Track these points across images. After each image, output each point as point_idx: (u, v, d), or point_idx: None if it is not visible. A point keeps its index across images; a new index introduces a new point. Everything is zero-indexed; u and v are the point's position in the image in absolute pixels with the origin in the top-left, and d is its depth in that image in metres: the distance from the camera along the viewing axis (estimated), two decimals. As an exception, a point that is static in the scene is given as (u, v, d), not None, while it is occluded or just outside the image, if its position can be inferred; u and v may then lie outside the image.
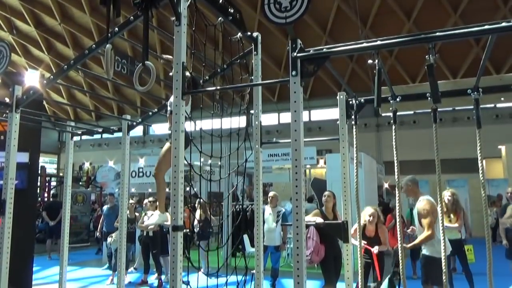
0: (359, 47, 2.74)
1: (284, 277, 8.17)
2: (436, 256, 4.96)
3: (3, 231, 4.32)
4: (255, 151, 4.34)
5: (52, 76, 4.51)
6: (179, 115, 3.06)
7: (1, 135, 7.28)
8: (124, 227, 5.73)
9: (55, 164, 29.15)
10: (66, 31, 21.95)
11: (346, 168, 4.16)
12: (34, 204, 8.40)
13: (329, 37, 18.39)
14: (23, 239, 6.66)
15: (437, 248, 4.95)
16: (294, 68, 2.73)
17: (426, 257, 5.11)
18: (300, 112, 2.74)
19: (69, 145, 6.53)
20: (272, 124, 22.51)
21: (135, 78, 3.40)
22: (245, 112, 4.59)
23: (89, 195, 18.27)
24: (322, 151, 15.69)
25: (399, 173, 3.93)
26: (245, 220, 9.22)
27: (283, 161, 11.61)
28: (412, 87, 16.48)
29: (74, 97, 26.37)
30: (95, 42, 4.02)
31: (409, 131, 18.67)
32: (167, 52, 17.28)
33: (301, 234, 2.59)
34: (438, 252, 4.92)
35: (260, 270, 4.17)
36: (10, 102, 4.42)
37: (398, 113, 4.09)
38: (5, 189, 4.34)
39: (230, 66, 4.58)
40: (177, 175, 2.98)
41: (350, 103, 4.20)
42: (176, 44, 3.11)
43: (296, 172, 2.68)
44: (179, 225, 2.92)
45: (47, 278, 8.97)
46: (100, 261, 10.77)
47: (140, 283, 8.23)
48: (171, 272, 2.91)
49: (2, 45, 4.38)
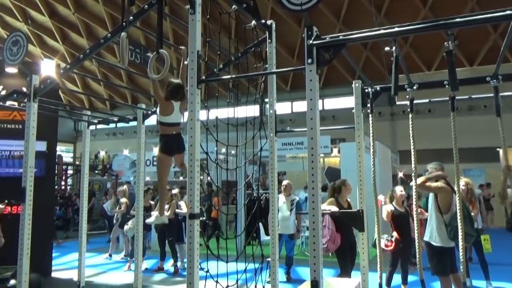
0: (376, 33, 2.70)
1: (299, 265, 8.21)
2: (445, 246, 4.92)
3: (24, 217, 4.42)
4: (269, 140, 4.34)
5: (68, 66, 4.56)
6: (194, 104, 3.07)
7: (20, 124, 7.42)
8: (141, 215, 5.80)
9: (71, 153, 29.58)
10: (80, 20, 22.06)
11: (362, 157, 4.14)
12: (52, 192, 8.57)
13: (342, 25, 18.15)
14: (42, 226, 6.82)
15: (441, 237, 4.91)
16: (310, 56, 2.71)
17: (437, 248, 5.02)
18: (316, 100, 2.72)
19: (85, 134, 6.62)
20: (285, 113, 22.42)
21: (150, 66, 3.41)
22: (259, 101, 4.59)
23: (105, 183, 18.54)
24: (335, 140, 15.61)
25: (416, 162, 3.89)
26: (259, 209, 9.27)
27: (297, 150, 11.60)
28: (428, 75, 16.18)
29: (89, 86, 26.61)
30: (110, 31, 4.03)
31: (425, 120, 18.43)
32: (180, 42, 17.24)
33: (318, 222, 2.60)
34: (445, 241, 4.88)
35: (276, 258, 4.20)
36: (28, 92, 4.48)
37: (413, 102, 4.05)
38: (25, 177, 4.42)
39: (245, 54, 4.55)
40: (193, 164, 3.00)
41: (365, 91, 4.16)
42: (191, 33, 3.11)
43: (312, 161, 2.67)
44: (195, 213, 2.95)
45: (66, 264, 9.17)
46: (116, 248, 10.96)
47: (157, 270, 8.37)
48: (188, 259, 2.95)
49: (20, 35, 4.43)
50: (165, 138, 4.11)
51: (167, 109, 4.03)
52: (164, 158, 4.14)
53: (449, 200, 4.91)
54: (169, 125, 4.07)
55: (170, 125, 4.08)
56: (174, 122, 4.11)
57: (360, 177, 4.13)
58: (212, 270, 3.41)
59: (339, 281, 4.39)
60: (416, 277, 6.68)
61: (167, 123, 4.06)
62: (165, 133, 4.09)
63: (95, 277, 7.86)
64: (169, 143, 4.11)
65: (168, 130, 4.08)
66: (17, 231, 4.58)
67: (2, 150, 7.44)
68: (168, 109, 4.03)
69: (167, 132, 4.08)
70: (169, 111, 4.04)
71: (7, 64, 4.78)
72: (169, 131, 4.08)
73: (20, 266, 4.41)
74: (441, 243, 4.92)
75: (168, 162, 4.25)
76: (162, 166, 4.23)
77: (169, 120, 4.06)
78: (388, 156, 13.28)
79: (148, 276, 7.77)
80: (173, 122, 4.10)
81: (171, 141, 4.12)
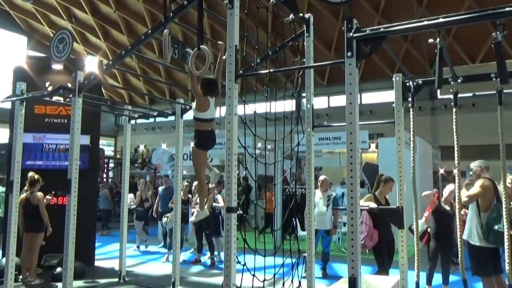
0: (419, 25, 2.61)
1: (335, 262, 8.13)
2: (484, 246, 4.72)
3: (69, 208, 4.62)
4: (307, 134, 4.31)
5: (111, 62, 4.70)
6: (232, 98, 3.09)
7: (65, 119, 7.73)
8: (179, 208, 5.92)
9: (112, 146, 30.57)
10: (121, 18, 22.66)
11: (402, 152, 4.03)
12: (95, 184, 8.89)
13: (382, 17, 17.69)
14: (86, 216, 7.09)
15: (480, 236, 4.73)
16: (349, 49, 2.66)
17: (476, 248, 4.84)
18: (356, 94, 2.67)
19: (126, 128, 6.83)
20: (322, 107, 22.19)
21: (191, 62, 3.46)
22: (296, 95, 4.55)
23: (144, 177, 19.05)
24: (373, 135, 15.29)
25: (459, 159, 3.75)
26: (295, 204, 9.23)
27: (333, 145, 11.44)
28: (473, 68, 15.49)
29: (129, 82, 27.35)
30: (151, 28, 4.12)
31: (468, 114, 17.67)
32: (217, 37, 17.37)
33: (356, 218, 2.56)
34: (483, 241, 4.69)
35: (312, 254, 4.18)
36: (73, 87, 4.66)
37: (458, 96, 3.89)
38: (70, 169, 4.62)
39: (282, 48, 4.53)
40: (230, 158, 3.02)
41: (406, 85, 4.04)
42: (229, 27, 3.12)
43: (351, 156, 2.63)
44: (233, 207, 2.97)
45: (108, 253, 9.52)
46: (155, 239, 11.25)
47: (194, 262, 8.53)
48: (226, 252, 2.98)
49: (65, 32, 4.60)
50: (200, 134, 4.16)
51: (204, 105, 4.08)
52: (200, 153, 4.21)
53: (489, 198, 4.72)
54: (204, 121, 4.13)
55: (206, 121, 4.14)
56: (209, 118, 4.17)
57: (400, 173, 4.03)
58: (249, 264, 3.44)
59: (377, 279, 4.31)
60: (457, 277, 6.47)
61: (203, 119, 4.12)
62: (200, 129, 4.15)
63: (134, 267, 8.10)
64: (204, 139, 4.17)
65: (203, 126, 4.14)
66: (62, 221, 4.80)
67: (49, 144, 7.78)
68: (205, 105, 4.08)
69: (202, 128, 4.14)
70: (205, 107, 4.09)
71: (53, 61, 4.98)
72: (204, 127, 4.14)
73: (66, 254, 4.61)
74: (479, 243, 4.74)
75: (204, 156, 4.32)
76: (199, 160, 4.28)
77: (205, 116, 4.11)
78: (429, 152, 12.89)
79: (186, 268, 7.93)
80: (209, 118, 4.16)
81: (206, 136, 4.17)
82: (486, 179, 4.83)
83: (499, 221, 4.44)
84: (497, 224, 4.50)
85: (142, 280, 6.92)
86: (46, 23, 24.43)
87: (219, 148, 12.78)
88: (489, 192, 4.73)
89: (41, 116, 7.79)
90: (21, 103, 5.23)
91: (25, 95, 5.25)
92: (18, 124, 5.18)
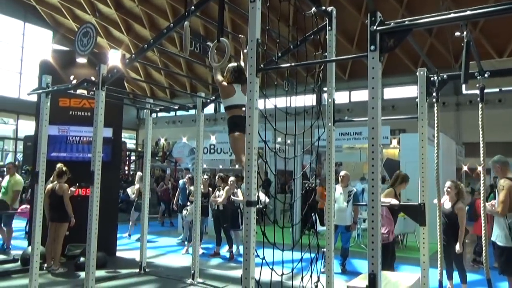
0: (446, 18, 2.54)
1: (354, 258, 8.08)
2: (509, 246, 4.64)
3: (92, 199, 4.71)
4: (327, 129, 4.27)
5: (133, 55, 4.75)
6: (253, 92, 3.08)
7: (89, 112, 7.88)
8: (198, 201, 5.97)
9: (134, 139, 31.02)
10: (143, 12, 22.89)
11: (425, 148, 3.96)
12: (117, 176, 9.03)
13: (405, 10, 17.34)
14: (108, 208, 7.22)
15: (506, 237, 4.64)
16: (373, 43, 2.62)
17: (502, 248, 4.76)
18: (378, 89, 2.63)
19: (148, 121, 6.91)
20: (343, 102, 21.98)
21: (211, 54, 3.47)
22: (317, 90, 4.51)
23: (165, 170, 19.25)
24: (395, 130, 15.06)
25: (484, 155, 3.65)
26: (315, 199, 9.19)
27: (354, 140, 11.33)
28: (501, 62, 15.07)
29: (150, 75, 27.64)
30: (173, 21, 4.14)
31: (494, 110, 17.20)
32: (239, 31, 17.36)
33: (377, 214, 2.53)
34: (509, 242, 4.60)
35: (331, 249, 4.16)
36: (97, 81, 4.74)
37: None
38: (94, 161, 4.71)
39: (304, 42, 4.49)
40: (251, 152, 3.02)
41: (431, 79, 3.95)
42: (251, 21, 3.11)
43: (373, 151, 2.60)
44: (252, 201, 2.98)
45: (129, 244, 9.69)
46: (175, 231, 11.41)
47: (213, 255, 8.60)
48: (245, 245, 2.99)
49: (89, 26, 4.68)
50: (234, 119, 4.05)
51: (228, 91, 4.06)
52: (240, 136, 3.90)
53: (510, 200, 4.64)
54: (235, 107, 4.07)
55: (236, 106, 4.07)
56: (239, 104, 4.07)
57: (423, 170, 3.95)
58: (268, 258, 3.44)
59: (397, 275, 4.26)
60: (481, 276, 6.35)
61: (232, 105, 4.07)
62: (233, 114, 4.07)
63: (155, 258, 8.22)
64: (240, 122, 3.83)
65: (235, 111, 4.06)
66: (85, 212, 4.90)
67: (73, 136, 7.94)
68: (229, 91, 4.06)
69: (235, 113, 4.06)
70: (230, 92, 4.06)
71: (78, 55, 5.07)
72: (236, 112, 4.06)
73: (88, 244, 4.72)
74: (505, 243, 4.67)
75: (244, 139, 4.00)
76: (241, 144, 3.84)
77: (233, 102, 4.07)
78: (453, 148, 12.62)
79: (205, 261, 8.01)
80: (238, 103, 4.07)
81: (241, 120, 3.67)
82: (507, 180, 4.80)
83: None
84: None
85: (162, 271, 7.02)
86: (71, 18, 24.88)
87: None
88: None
89: (66, 109, 7.94)
90: (47, 96, 5.34)
91: (50, 88, 5.36)
92: (43, 117, 5.30)
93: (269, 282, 3.47)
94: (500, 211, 4.72)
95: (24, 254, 6.84)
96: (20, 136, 23.40)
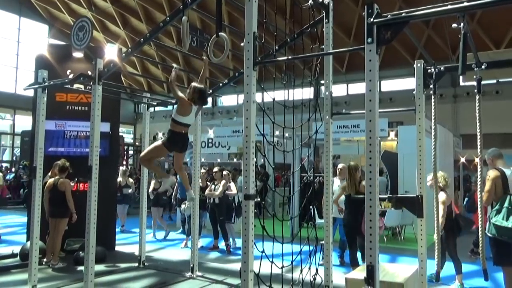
0: (443, 9, 2.54)
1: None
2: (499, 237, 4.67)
3: (91, 194, 4.71)
4: (325, 122, 4.28)
5: (130, 49, 4.73)
6: (250, 86, 3.08)
7: (85, 106, 7.85)
8: (197, 194, 5.98)
9: (132, 134, 30.96)
10: (139, 6, 22.74)
11: (422, 140, 3.97)
12: (115, 171, 9.01)
13: (403, 2, 17.27)
14: (106, 202, 7.23)
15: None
16: (369, 35, 2.62)
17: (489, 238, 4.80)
18: (376, 81, 2.63)
19: (145, 116, 6.89)
20: (340, 95, 21.96)
21: (210, 49, 3.46)
22: (314, 83, 4.51)
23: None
24: (393, 123, 15.07)
25: (482, 147, 3.66)
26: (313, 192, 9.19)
27: (352, 133, 11.33)
28: (497, 54, 15.05)
29: (147, 69, 27.52)
30: (169, 15, 4.12)
31: (491, 101, 17.22)
32: (236, 24, 17.27)
33: (375, 207, 2.54)
34: None
35: (329, 241, 4.18)
36: (93, 75, 4.72)
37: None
38: (91, 156, 4.70)
39: (301, 35, 4.48)
40: (248, 145, 3.03)
41: (428, 71, 3.95)
42: (247, 13, 3.10)
43: (370, 144, 2.60)
44: (250, 194, 2.99)
45: (128, 239, 9.71)
46: (173, 225, 11.42)
47: (212, 248, 8.63)
48: (243, 238, 3.00)
49: (85, 20, 4.64)
50: (173, 135, 4.36)
51: (186, 110, 4.31)
52: (162, 148, 4.42)
53: (497, 189, 4.68)
54: (181, 125, 4.35)
55: (183, 125, 4.36)
56: (187, 123, 4.39)
57: (420, 162, 3.97)
58: (268, 251, 3.46)
59: (395, 267, 4.29)
60: (477, 267, 6.39)
61: (181, 122, 4.34)
62: (174, 130, 4.35)
63: (154, 252, 8.25)
64: (175, 140, 4.38)
65: (178, 128, 4.35)
66: (83, 207, 4.90)
67: (70, 131, 7.92)
68: (187, 111, 4.31)
69: (176, 130, 4.35)
70: (187, 112, 4.31)
71: (74, 49, 5.04)
72: (179, 129, 4.35)
73: (87, 239, 4.72)
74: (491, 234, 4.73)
75: (163, 153, 4.63)
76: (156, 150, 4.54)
77: (183, 121, 4.34)
78: (450, 140, 12.65)
79: (204, 254, 8.03)
80: (187, 123, 4.39)
81: (178, 139, 4.38)
82: (494, 170, 4.79)
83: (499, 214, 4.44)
84: (495, 217, 4.49)
85: (161, 265, 7.04)
86: (66, 12, 24.70)
87: (237, 135, 12.86)
88: (497, 183, 4.68)
89: (63, 104, 7.91)
90: (43, 91, 5.32)
91: (46, 82, 5.33)
92: (40, 112, 5.28)
93: (269, 274, 3.49)
94: (484, 199, 4.67)
95: (23, 249, 6.85)
96: (17, 131, 23.34)
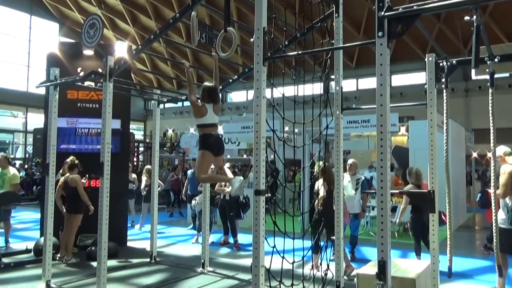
0: (455, 2, 2.50)
1: (363, 245, 8.10)
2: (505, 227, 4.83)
3: (102, 190, 4.75)
4: (335, 117, 4.26)
5: (139, 47, 4.75)
6: (260, 81, 3.07)
7: (97, 104, 7.91)
8: (207, 190, 6.00)
9: (142, 131, 31.15)
10: (149, 3, 22.81)
11: (434, 135, 3.93)
12: (126, 168, 9.09)
13: (414, -4, 17.11)
14: (118, 198, 7.30)
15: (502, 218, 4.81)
16: (380, 29, 2.59)
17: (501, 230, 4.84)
18: (387, 75, 2.61)
19: (155, 112, 6.92)
20: (350, 90, 21.84)
21: (218, 44, 3.46)
22: (324, 78, 4.49)
23: (173, 160, 19.33)
24: (403, 118, 14.95)
25: (495, 142, 3.62)
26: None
27: (362, 128, 11.25)
28: (511, 46, 14.83)
29: (157, 66, 27.63)
30: (178, 11, 4.13)
31: (504, 95, 16.98)
32: (245, 20, 17.23)
33: (386, 202, 2.53)
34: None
35: (340, 237, 4.17)
36: (104, 72, 4.75)
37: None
38: (103, 153, 4.74)
39: (311, 30, 4.45)
40: (259, 141, 3.02)
41: (440, 65, 3.90)
42: (257, 8, 3.09)
43: (381, 139, 2.59)
44: (261, 190, 2.99)
45: (139, 234, 9.79)
46: (184, 221, 11.49)
47: (222, 243, 8.67)
48: (254, 234, 3.01)
49: (96, 18, 4.67)
50: (205, 137, 4.35)
51: (200, 111, 4.32)
52: (206, 153, 4.33)
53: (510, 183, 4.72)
54: (206, 126, 4.34)
55: (207, 126, 4.35)
56: (210, 123, 4.37)
57: (432, 157, 3.93)
58: (279, 246, 3.47)
59: (407, 263, 4.27)
60: (490, 262, 6.33)
61: (204, 124, 4.34)
62: (204, 133, 4.35)
63: (165, 248, 8.31)
64: (210, 142, 4.34)
65: (206, 130, 4.34)
66: (95, 203, 4.95)
67: (81, 128, 7.99)
68: (201, 111, 4.31)
69: (206, 132, 4.35)
70: (203, 112, 4.31)
71: (85, 47, 5.08)
72: (208, 131, 4.34)
73: (100, 235, 4.77)
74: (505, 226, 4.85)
75: (210, 158, 4.41)
76: (204, 161, 4.38)
77: (205, 121, 4.33)
78: (462, 135, 12.51)
79: (214, 250, 8.07)
80: (210, 123, 4.37)
81: (212, 140, 4.36)
82: (509, 165, 4.91)
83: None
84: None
85: (172, 261, 7.09)
86: (76, 10, 24.87)
87: (247, 131, 12.85)
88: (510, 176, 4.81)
89: (74, 101, 7.98)
90: (55, 88, 5.37)
91: (58, 80, 5.39)
92: (52, 109, 5.33)
93: (280, 270, 3.50)
94: (501, 193, 4.83)
95: (37, 244, 6.94)
96: (30, 129, 23.61)
